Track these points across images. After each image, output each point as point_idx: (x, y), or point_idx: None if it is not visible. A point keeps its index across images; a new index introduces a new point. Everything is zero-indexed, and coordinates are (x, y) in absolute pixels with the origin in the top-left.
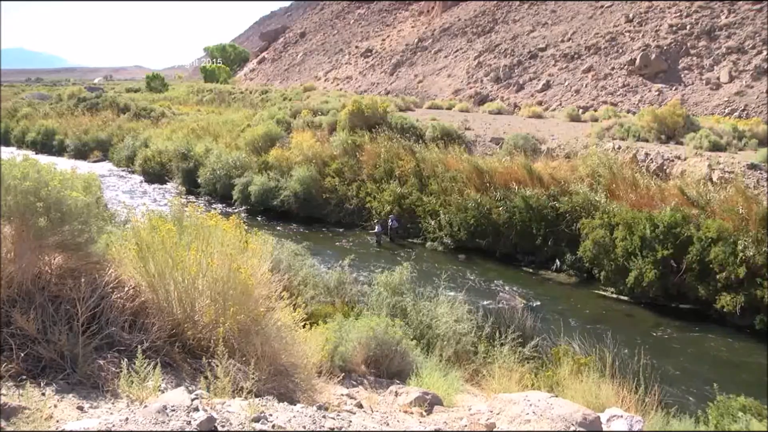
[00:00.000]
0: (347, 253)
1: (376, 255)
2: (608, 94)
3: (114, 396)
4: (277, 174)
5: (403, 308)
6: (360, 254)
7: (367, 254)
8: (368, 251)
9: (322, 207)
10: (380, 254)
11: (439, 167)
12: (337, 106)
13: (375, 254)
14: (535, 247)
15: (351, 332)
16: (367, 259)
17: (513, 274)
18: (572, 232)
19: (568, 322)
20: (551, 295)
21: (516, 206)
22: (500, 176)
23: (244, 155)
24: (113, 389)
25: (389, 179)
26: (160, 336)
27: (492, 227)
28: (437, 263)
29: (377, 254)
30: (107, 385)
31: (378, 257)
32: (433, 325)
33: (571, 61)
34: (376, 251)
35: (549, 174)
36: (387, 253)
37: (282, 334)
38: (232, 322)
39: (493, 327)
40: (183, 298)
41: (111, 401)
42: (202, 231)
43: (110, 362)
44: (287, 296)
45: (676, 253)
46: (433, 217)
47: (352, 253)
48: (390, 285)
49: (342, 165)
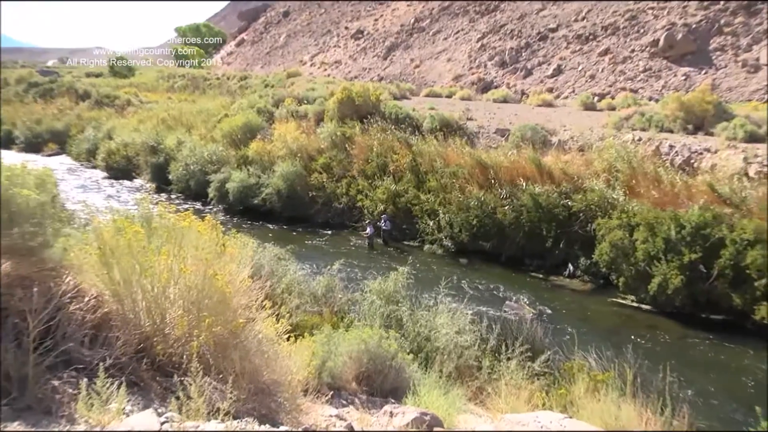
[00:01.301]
0: (336, 258)
1: (369, 259)
2: (627, 79)
3: (70, 422)
4: (257, 169)
5: (399, 318)
6: (350, 259)
7: (358, 259)
8: (360, 255)
9: (308, 206)
10: (373, 259)
11: (437, 162)
12: (324, 93)
13: (367, 259)
14: (545, 250)
15: (341, 345)
16: (358, 264)
17: (520, 280)
18: (587, 234)
19: (582, 333)
20: (563, 303)
21: (523, 205)
22: (506, 172)
23: (220, 148)
24: (69, 414)
25: (383, 175)
26: (125, 351)
27: (497, 228)
28: (436, 268)
29: (369, 259)
30: (62, 410)
31: (370, 262)
32: (431, 338)
33: (585, 43)
34: (368, 255)
35: (560, 169)
36: (380, 257)
37: (263, 347)
38: (208, 334)
39: (498, 339)
40: (152, 309)
41: (66, 428)
42: (173, 233)
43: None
44: (269, 305)
45: (705, 257)
46: (431, 217)
47: (341, 258)
48: (384, 293)
49: (330, 159)
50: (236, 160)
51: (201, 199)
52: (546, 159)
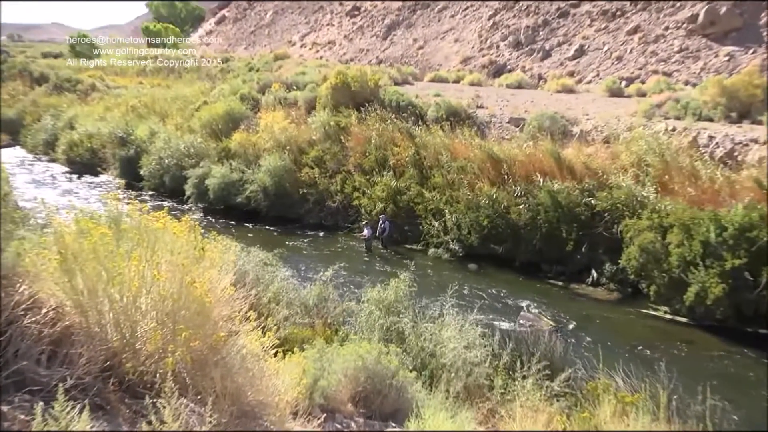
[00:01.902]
0: (330, 263)
1: (366, 265)
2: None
3: None
4: (241, 164)
5: (400, 331)
6: (346, 264)
7: (354, 264)
8: (356, 260)
9: (298, 205)
10: (371, 264)
11: (444, 155)
12: (316, 78)
13: (364, 264)
14: (565, 255)
15: (335, 362)
16: (354, 271)
17: (537, 288)
18: (612, 236)
19: (608, 349)
20: (586, 315)
21: (541, 203)
22: (521, 166)
23: (199, 140)
24: None
25: (382, 170)
26: (89, 370)
27: (510, 230)
28: (442, 275)
29: (367, 264)
30: None
31: (368, 268)
32: (437, 353)
33: (611, 20)
34: (365, 260)
35: (583, 163)
36: (379, 262)
37: (248, 364)
38: (185, 350)
39: (512, 355)
40: (121, 321)
41: None
42: (145, 236)
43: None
44: (254, 317)
45: (751, 263)
46: (436, 218)
47: (335, 263)
48: (383, 302)
49: (323, 152)
50: (217, 154)
51: (177, 197)
52: (566, 152)
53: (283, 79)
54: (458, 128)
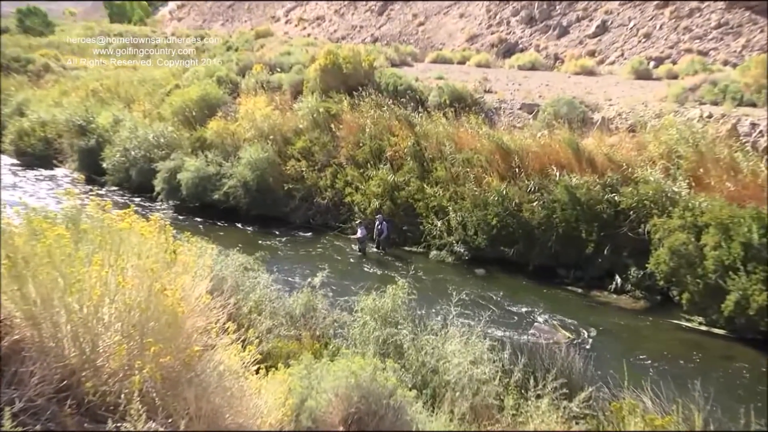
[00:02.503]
0: (319, 268)
1: (360, 270)
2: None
3: None
4: (218, 156)
5: (398, 345)
6: (337, 269)
7: (346, 269)
8: (348, 265)
9: (282, 202)
10: (365, 269)
11: (447, 146)
12: (303, 59)
13: (358, 269)
14: (585, 258)
15: (324, 379)
16: (346, 276)
17: (553, 295)
18: (638, 237)
19: (635, 364)
20: (609, 326)
21: (557, 200)
22: (534, 158)
23: (170, 129)
24: None
25: (377, 163)
26: (42, 391)
27: (522, 230)
28: (446, 281)
29: (361, 269)
30: None
31: (362, 273)
32: (440, 369)
33: None
34: (359, 265)
35: (605, 155)
36: (375, 267)
37: (225, 382)
38: (153, 366)
39: (525, 372)
40: (80, 335)
41: None
42: (109, 237)
43: None
44: (234, 329)
45: None
46: (439, 216)
47: (325, 268)
48: (379, 312)
49: (311, 143)
50: (190, 144)
51: (145, 193)
52: (586, 142)
53: (266, 59)
54: (463, 115)
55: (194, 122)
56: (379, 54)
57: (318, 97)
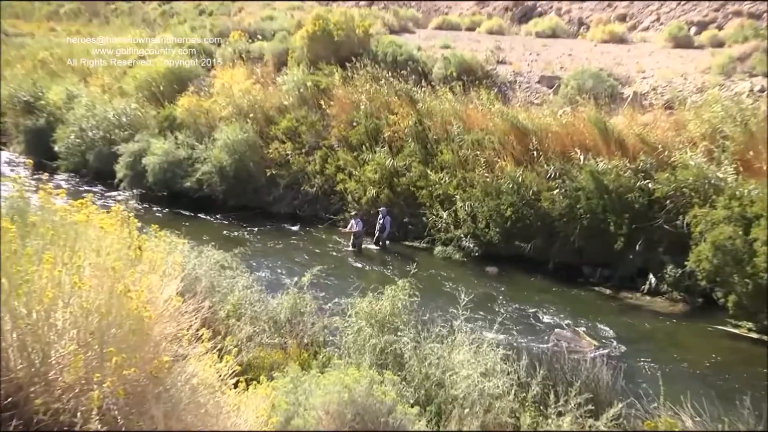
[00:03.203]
0: (307, 266)
1: (354, 268)
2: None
3: None
4: (190, 137)
5: (398, 354)
6: (328, 267)
7: (339, 267)
8: (341, 262)
9: (264, 190)
10: (360, 267)
11: (454, 125)
12: (288, 25)
13: (352, 267)
14: (614, 255)
15: (313, 394)
16: (339, 276)
17: (576, 297)
18: (676, 230)
19: (672, 376)
20: (642, 332)
21: (581, 188)
22: (555, 139)
23: (133, 106)
24: None
25: (374, 145)
26: None
27: (541, 222)
28: (453, 280)
29: (355, 267)
30: None
31: (357, 272)
32: (446, 382)
33: None
34: (353, 262)
35: (637, 135)
36: (371, 264)
37: (199, 398)
38: (115, 380)
39: (544, 385)
40: (28, 344)
41: None
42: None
43: None
44: (209, 336)
45: None
46: (445, 206)
47: (314, 266)
48: (376, 317)
49: (297, 122)
50: (158, 124)
51: (105, 180)
52: (615, 120)
53: (245, 25)
54: (473, 90)
55: (162, 98)
56: (375, 19)
57: (305, 70)
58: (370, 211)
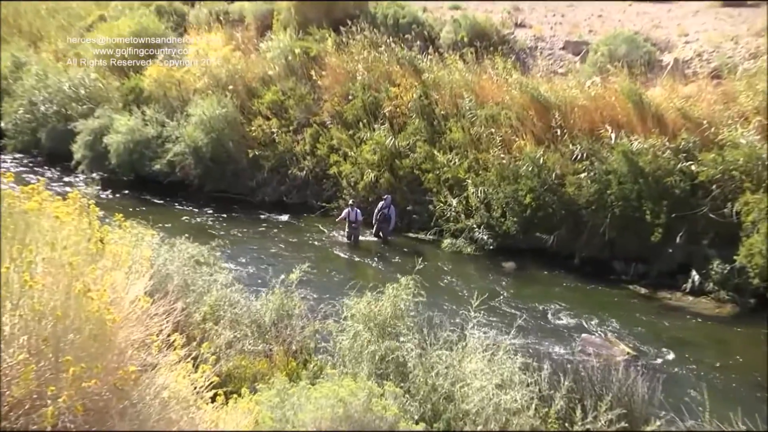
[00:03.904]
0: (296, 261)
1: (350, 264)
2: None
3: None
4: (160, 112)
5: (401, 363)
6: (320, 263)
7: (332, 263)
8: (335, 257)
9: (246, 174)
10: (356, 262)
11: (466, 98)
12: None
13: (347, 262)
14: (650, 248)
15: (303, 409)
16: (333, 272)
17: (607, 297)
18: (724, 220)
19: (719, 389)
20: (683, 337)
21: (612, 170)
22: (582, 114)
23: (93, 76)
24: None
25: (373, 122)
26: None
27: (566, 210)
28: (463, 278)
29: (351, 262)
30: None
31: (353, 268)
32: (456, 395)
33: None
34: (349, 257)
35: (678, 110)
36: (370, 259)
37: (171, 414)
38: (73, 394)
39: (570, 398)
40: None
41: None
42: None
43: None
44: (182, 342)
45: None
46: (454, 192)
47: (304, 261)
48: (375, 320)
49: (284, 95)
50: (122, 97)
51: (60, 162)
52: (652, 93)
53: None
54: (487, 58)
55: (127, 68)
56: None
57: (293, 35)
58: (368, 198)
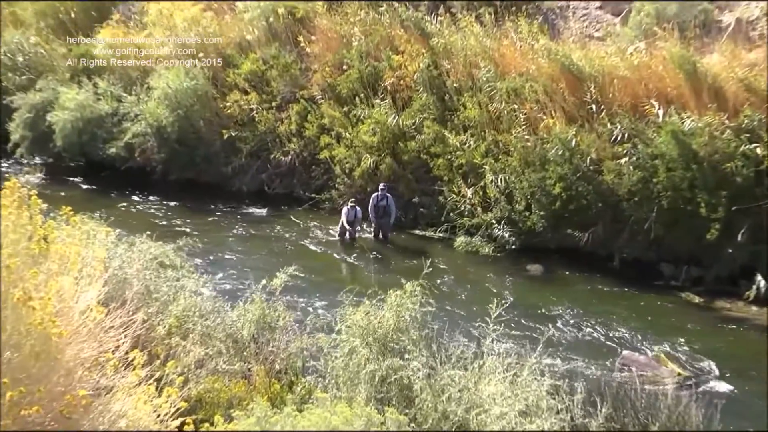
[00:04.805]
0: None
1: (345, 267)
2: None
3: None
4: (116, 84)
5: (406, 385)
6: (308, 265)
7: (322, 265)
8: (326, 258)
9: (220, 160)
10: (353, 264)
11: (483, 68)
12: None
13: (341, 265)
14: (705, 248)
15: None
16: (323, 277)
17: (652, 306)
18: None
19: None
20: (747, 355)
21: (659, 154)
22: (623, 87)
23: (33, 40)
24: None
25: (371, 96)
26: None
27: (604, 203)
28: (481, 283)
29: (346, 265)
30: None
31: (348, 271)
32: (472, 424)
33: None
34: (343, 258)
35: (740, 81)
36: (367, 260)
37: None
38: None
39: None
40: None
41: None
42: None
43: None
44: (143, 361)
45: None
46: (469, 180)
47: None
48: (375, 333)
49: (265, 65)
50: (69, 66)
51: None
52: (709, 60)
53: None
54: (509, 20)
55: (74, 30)
56: None
57: None
58: (366, 188)
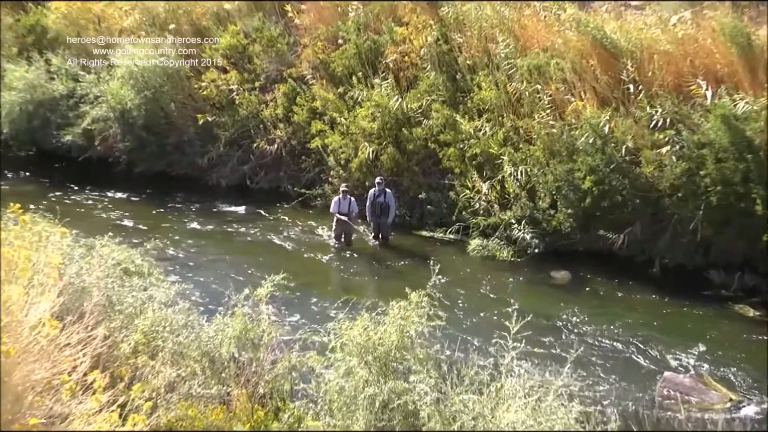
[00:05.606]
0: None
1: (340, 274)
2: None
3: None
4: (71, 61)
5: (410, 412)
6: (297, 272)
7: (314, 272)
8: (318, 264)
9: (194, 149)
10: (349, 271)
11: (501, 43)
12: None
13: (336, 271)
14: (762, 252)
15: None
16: (315, 286)
17: (699, 319)
18: None
19: None
20: None
21: (708, 143)
22: (665, 64)
23: None
24: None
25: (370, 76)
26: None
27: (642, 199)
28: (498, 292)
29: (341, 271)
30: None
31: (344, 280)
32: None
33: None
34: (336, 263)
35: None
36: (366, 267)
37: None
38: None
39: None
40: None
41: None
42: None
43: None
44: (104, 384)
45: None
46: (485, 173)
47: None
48: (375, 351)
49: (247, 39)
50: (17, 39)
51: None
52: (765, 33)
53: None
54: None
55: None
56: None
57: None
58: (365, 181)
